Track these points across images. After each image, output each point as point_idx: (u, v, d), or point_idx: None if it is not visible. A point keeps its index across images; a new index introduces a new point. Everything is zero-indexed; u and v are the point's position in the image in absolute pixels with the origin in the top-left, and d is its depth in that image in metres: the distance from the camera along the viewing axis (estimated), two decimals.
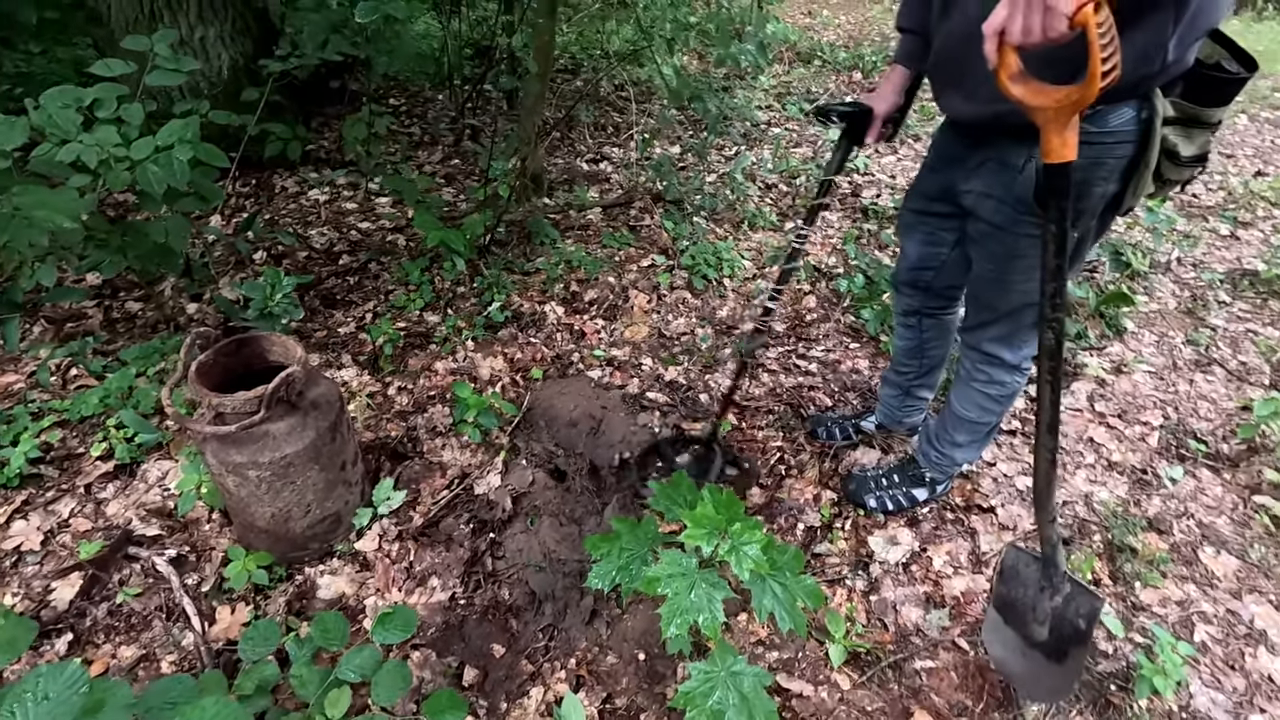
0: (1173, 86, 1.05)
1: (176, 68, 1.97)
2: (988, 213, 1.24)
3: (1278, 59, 5.58)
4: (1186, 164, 1.09)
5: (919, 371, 1.73)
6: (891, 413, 1.85)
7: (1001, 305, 1.33)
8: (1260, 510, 1.76)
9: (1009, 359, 1.41)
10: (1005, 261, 1.26)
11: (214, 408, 1.31)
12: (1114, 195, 1.13)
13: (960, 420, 1.53)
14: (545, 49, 2.51)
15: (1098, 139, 1.05)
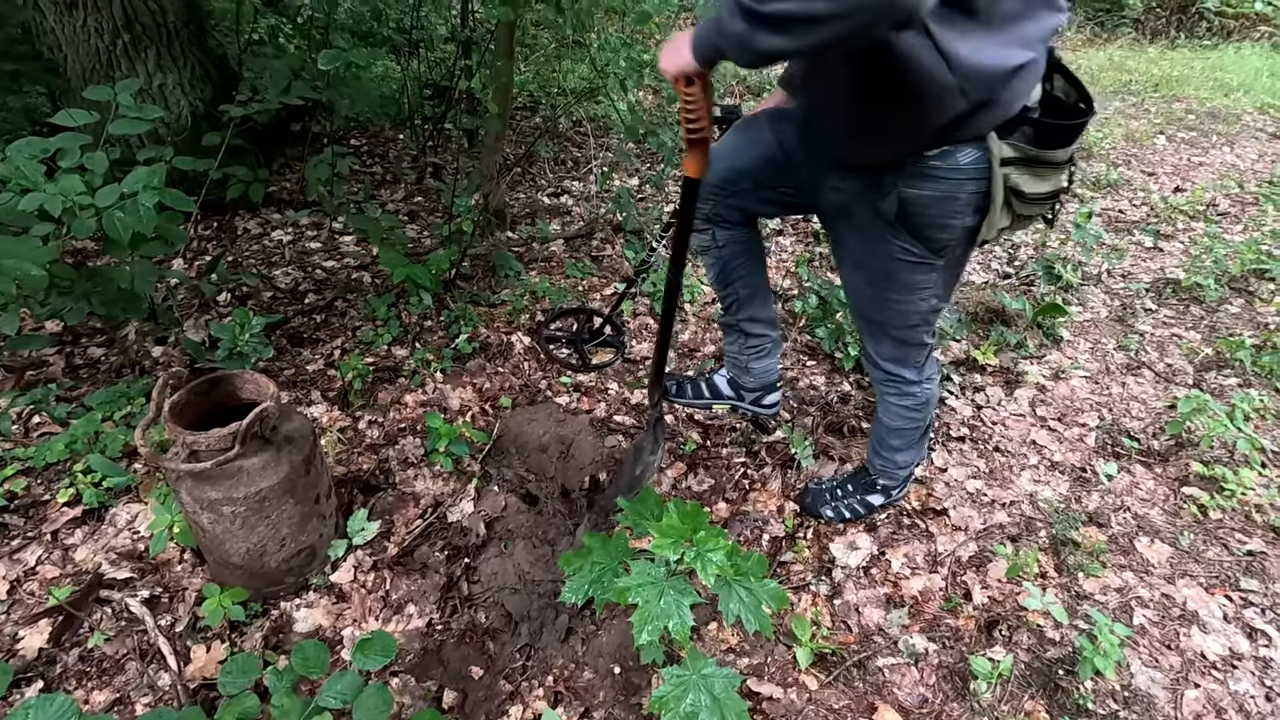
0: (1012, 130, 1.10)
1: (140, 116, 2.01)
2: (860, 221, 1.27)
3: (1188, 84, 5.99)
4: (1035, 201, 1.16)
5: (739, 300, 1.62)
6: (735, 359, 1.73)
7: (884, 321, 1.41)
8: (1189, 500, 1.89)
9: (910, 376, 1.50)
10: (880, 279, 1.32)
11: (188, 446, 1.34)
12: (973, 226, 1.20)
13: (890, 429, 1.62)
14: (504, 90, 2.61)
15: (947, 175, 1.13)
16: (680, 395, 1.82)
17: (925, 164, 1.13)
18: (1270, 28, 7.86)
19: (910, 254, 1.24)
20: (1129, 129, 4.95)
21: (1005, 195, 1.14)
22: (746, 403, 1.81)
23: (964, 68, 1.00)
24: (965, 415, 2.20)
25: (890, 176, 1.18)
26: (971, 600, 1.61)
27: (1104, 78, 6.34)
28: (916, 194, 1.16)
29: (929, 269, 1.26)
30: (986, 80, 1.02)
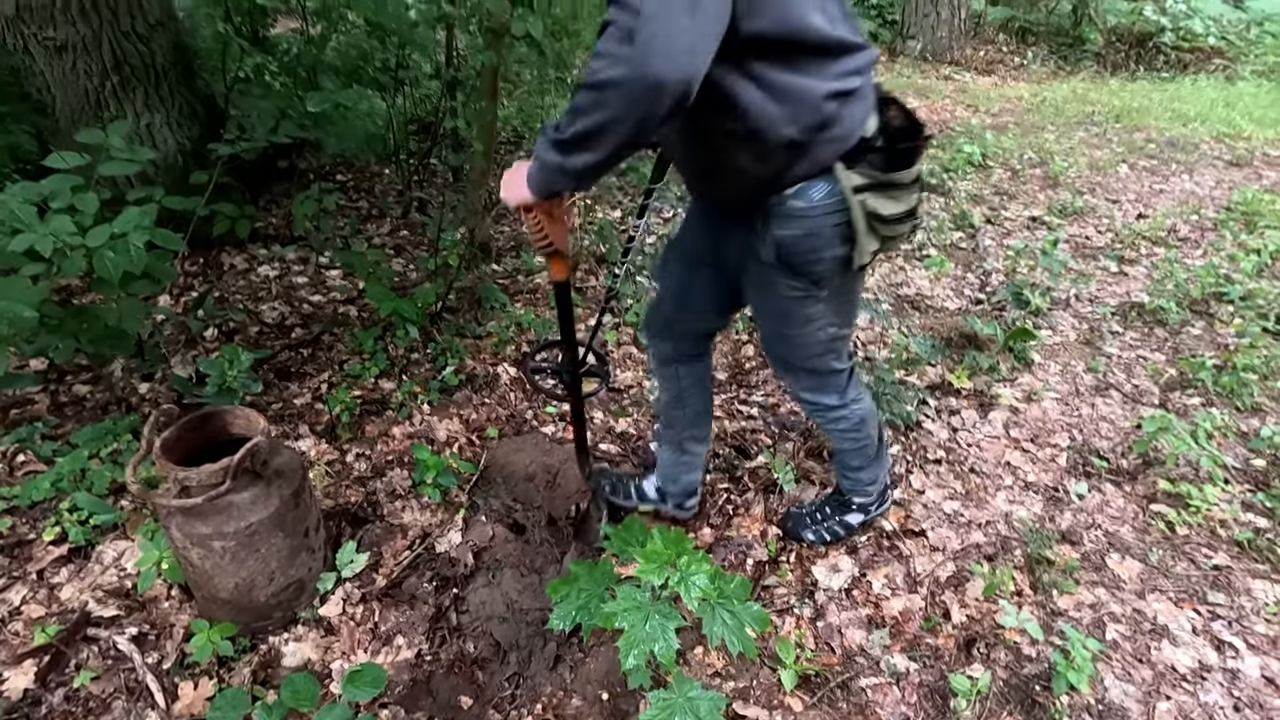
0: (857, 159, 1.20)
1: (131, 158, 2.06)
2: (753, 273, 1.38)
3: (1148, 114, 6.23)
4: (896, 221, 1.26)
5: (685, 422, 1.74)
6: (667, 470, 1.82)
7: (790, 358, 1.49)
8: (1157, 517, 1.95)
9: (832, 402, 1.56)
10: (778, 317, 1.41)
11: (179, 482, 1.36)
12: (848, 255, 1.28)
13: (844, 452, 1.69)
14: (489, 128, 2.69)
15: (807, 212, 1.22)
16: (614, 494, 1.88)
17: (786, 205, 1.23)
18: (1224, 60, 8.22)
19: (795, 289, 1.33)
20: (1093, 158, 5.14)
21: (866, 220, 1.23)
22: (669, 506, 1.88)
23: (784, 94, 1.10)
24: (942, 438, 2.26)
25: (763, 224, 1.27)
26: (950, 619, 1.66)
27: (1068, 109, 6.58)
28: (786, 234, 1.26)
29: (815, 300, 1.35)
30: (807, 102, 1.12)
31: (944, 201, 4.27)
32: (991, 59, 8.77)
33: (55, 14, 2.81)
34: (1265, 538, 1.87)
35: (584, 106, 0.97)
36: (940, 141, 5.41)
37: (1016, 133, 5.74)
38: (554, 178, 1.09)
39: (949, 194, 4.37)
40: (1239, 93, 7.06)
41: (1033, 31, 9.18)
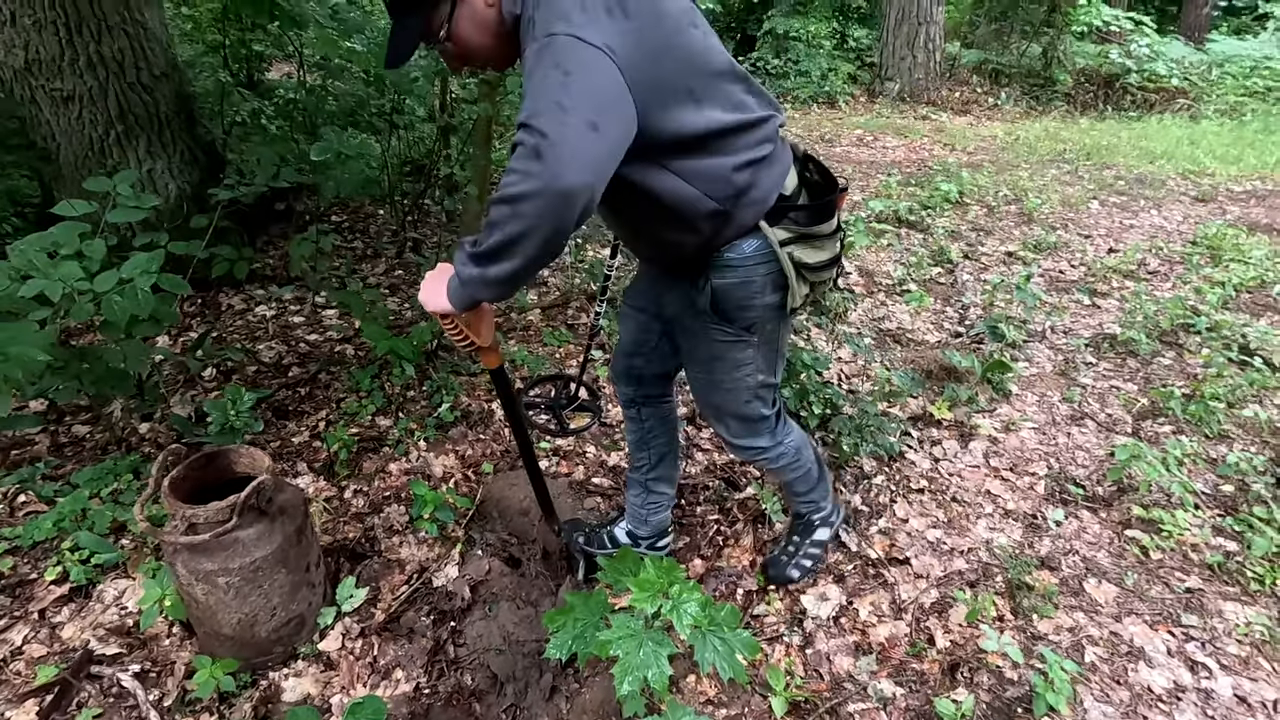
0: (780, 216, 1.31)
1: (138, 205, 2.13)
2: (687, 322, 1.46)
3: (1117, 152, 6.48)
4: (821, 269, 1.38)
5: (650, 464, 1.81)
6: (636, 512, 1.88)
7: (719, 402, 1.55)
8: (1131, 542, 2.02)
9: (765, 444, 1.62)
10: (709, 363, 1.49)
11: (187, 519, 1.40)
12: (778, 303, 1.38)
13: (789, 482, 1.75)
14: (483, 172, 2.79)
15: (740, 263, 1.33)
16: (589, 544, 1.93)
17: (721, 258, 1.33)
18: (1188, 100, 8.57)
19: (727, 334, 1.42)
20: (1065, 195, 5.33)
21: (796, 270, 1.34)
22: (642, 548, 1.93)
23: (696, 175, 1.22)
24: (924, 468, 2.33)
25: (701, 277, 1.37)
26: (934, 645, 1.70)
27: (1041, 147, 6.83)
28: (722, 283, 1.35)
29: (746, 345, 1.44)
30: (719, 178, 1.24)
31: (923, 238, 4.42)
32: (967, 99, 9.10)
33: (64, 66, 2.91)
34: (1235, 561, 1.94)
35: (499, 220, 1.05)
36: (919, 179, 5.60)
37: (992, 170, 5.95)
38: (476, 290, 1.15)
39: (928, 231, 4.52)
40: (1203, 131, 7.35)
41: (1005, 73, 9.55)
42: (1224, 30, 12.21)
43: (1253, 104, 8.22)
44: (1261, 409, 2.56)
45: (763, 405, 1.57)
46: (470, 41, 1.21)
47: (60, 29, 2.86)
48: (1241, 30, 12.34)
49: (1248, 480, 2.21)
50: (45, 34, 2.85)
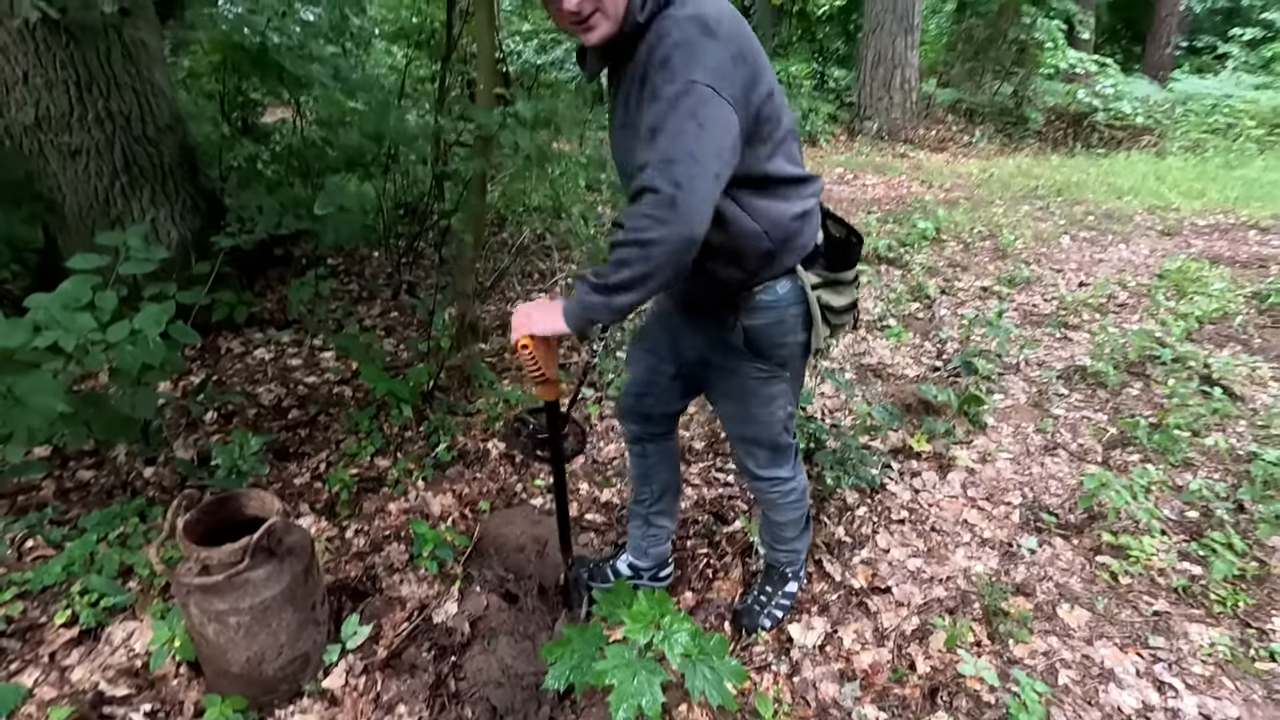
0: (812, 262, 1.44)
1: (148, 257, 2.23)
2: (718, 362, 1.55)
3: (1086, 188, 6.74)
4: (842, 312, 1.51)
5: (652, 498, 1.89)
6: (637, 544, 1.97)
7: (754, 436, 1.64)
8: (1102, 568, 2.12)
9: (786, 474, 1.72)
10: (743, 399, 1.58)
11: (201, 561, 1.47)
12: (806, 341, 1.50)
13: (783, 524, 1.82)
14: (478, 220, 2.91)
15: (774, 304, 1.44)
16: (593, 580, 2.01)
17: (755, 299, 1.44)
18: (1153, 137, 8.92)
19: (762, 372, 1.52)
20: (1037, 230, 5.54)
21: (821, 312, 1.46)
22: (645, 580, 2.02)
23: (762, 214, 1.35)
24: (905, 499, 2.43)
25: (732, 315, 1.47)
26: (916, 670, 1.78)
27: (1014, 184, 7.09)
28: (755, 324, 1.46)
29: (779, 380, 1.55)
30: (780, 222, 1.37)
31: (901, 274, 4.58)
32: (943, 137, 9.43)
33: (73, 122, 3.03)
34: (1199, 584, 2.04)
35: (630, 259, 1.16)
36: (898, 216, 5.80)
37: (967, 207, 6.17)
38: (597, 314, 1.26)
39: (906, 267, 4.68)
40: (1168, 167, 7.66)
41: (979, 112, 9.91)
42: (1186, 69, 12.74)
43: (1214, 140, 8.57)
44: (1223, 437, 2.69)
45: (788, 434, 1.67)
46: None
47: (71, 87, 2.99)
48: (1203, 69, 12.88)
49: (1211, 506, 2.32)
50: (56, 92, 2.97)
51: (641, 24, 1.22)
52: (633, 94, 1.26)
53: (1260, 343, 3.58)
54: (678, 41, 1.16)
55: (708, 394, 1.70)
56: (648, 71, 1.19)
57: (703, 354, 1.58)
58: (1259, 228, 5.53)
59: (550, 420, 1.60)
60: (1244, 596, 2.00)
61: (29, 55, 2.89)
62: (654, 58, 1.18)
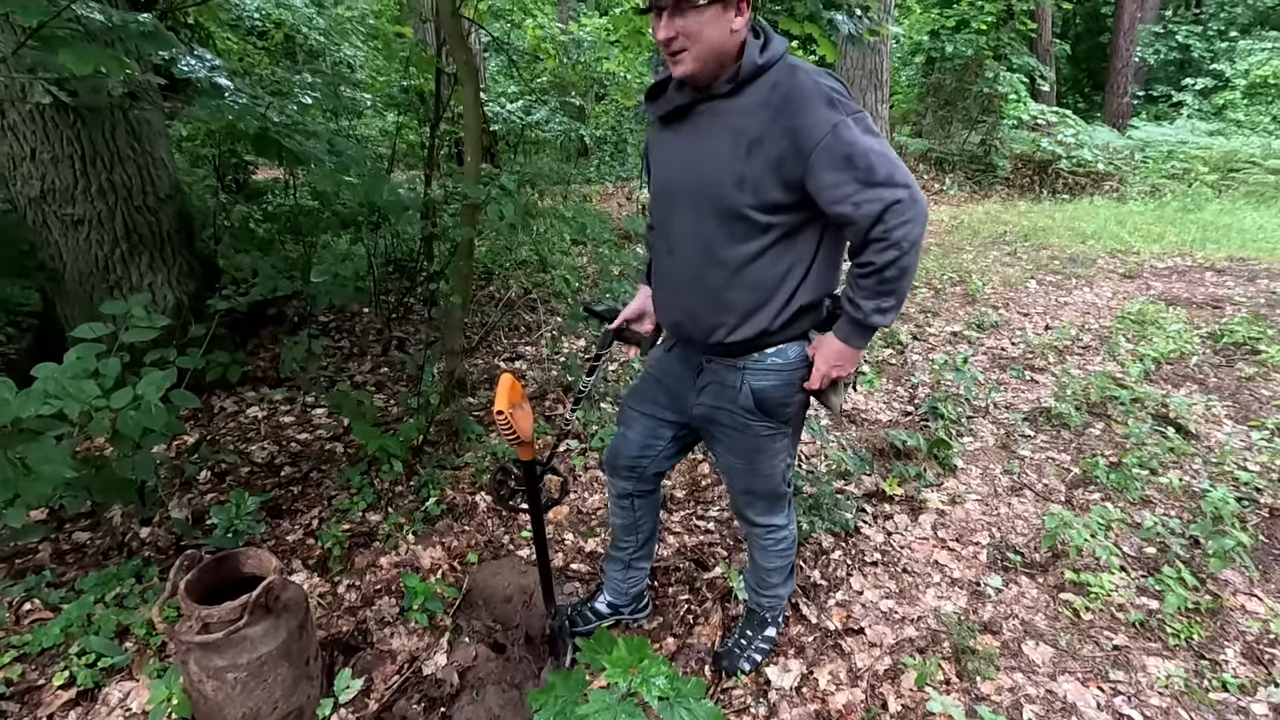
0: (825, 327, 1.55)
1: (150, 324, 2.34)
2: (725, 420, 1.63)
3: (1052, 233, 7.03)
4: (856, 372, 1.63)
5: (636, 546, 2.00)
6: (617, 586, 2.07)
7: (757, 488, 1.75)
8: (1065, 605, 2.22)
9: (781, 522, 1.84)
10: (750, 455, 1.68)
11: (201, 619, 1.55)
12: (806, 398, 1.62)
13: (770, 570, 1.92)
14: (465, 280, 3.06)
15: (783, 368, 1.56)
16: (575, 626, 2.09)
17: (767, 361, 1.56)
18: (1114, 183, 9.32)
19: (769, 429, 1.63)
20: (1005, 275, 5.77)
21: None
22: (625, 616, 2.13)
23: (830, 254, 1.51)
24: (878, 542, 2.53)
25: (739, 380, 1.58)
26: (888, 709, 1.86)
27: (983, 230, 7.38)
28: (763, 385, 1.57)
29: (783, 435, 1.67)
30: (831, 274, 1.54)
31: None
32: None
33: (76, 194, 3.17)
34: (1156, 618, 2.15)
35: (910, 262, 1.35)
36: None
37: (938, 253, 6.42)
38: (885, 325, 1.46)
39: None
40: (1128, 211, 8.00)
41: (949, 160, 10.32)
42: (1144, 117, 13.36)
43: (1172, 185, 8.97)
44: (1179, 475, 2.82)
45: (786, 485, 1.79)
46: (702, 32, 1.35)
47: (76, 161, 3.13)
48: (1160, 117, 13.52)
49: (1166, 542, 2.44)
50: (61, 167, 3.12)
51: (761, 65, 1.39)
52: (749, 124, 1.38)
53: (1215, 381, 3.75)
54: (831, 87, 1.35)
55: (713, 450, 1.79)
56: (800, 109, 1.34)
57: (709, 414, 1.66)
58: (1214, 269, 5.80)
59: (528, 478, 1.71)
60: (1198, 629, 2.10)
61: (38, 133, 3.04)
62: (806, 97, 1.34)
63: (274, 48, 6.97)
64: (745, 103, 1.39)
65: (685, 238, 1.53)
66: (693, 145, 1.47)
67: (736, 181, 1.39)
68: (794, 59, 1.42)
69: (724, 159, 1.41)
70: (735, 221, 1.44)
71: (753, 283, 1.49)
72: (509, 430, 1.54)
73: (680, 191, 1.52)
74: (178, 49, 2.61)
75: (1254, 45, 13.32)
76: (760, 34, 1.44)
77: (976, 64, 10.39)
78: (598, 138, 9.34)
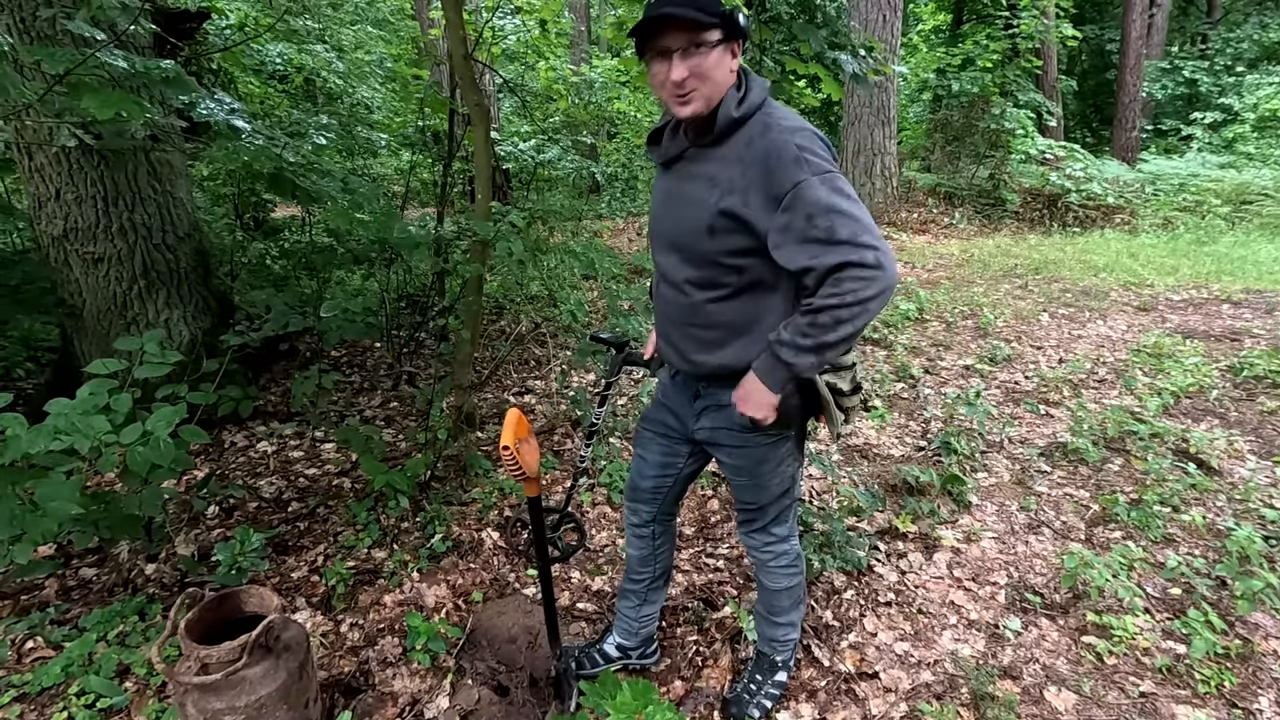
0: None
1: (163, 361, 2.36)
2: (725, 440, 1.63)
3: (1063, 266, 7.00)
4: (850, 394, 1.61)
5: (652, 578, 1.96)
6: (628, 625, 2.01)
7: (763, 499, 1.73)
8: (1088, 649, 2.14)
9: (782, 533, 1.80)
10: (755, 467, 1.67)
11: (200, 660, 1.53)
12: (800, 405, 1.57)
13: (780, 593, 1.86)
14: (474, 317, 3.08)
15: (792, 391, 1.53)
16: (581, 668, 2.04)
17: None
18: (1125, 216, 9.30)
19: (769, 438, 1.61)
20: (1017, 308, 5.73)
21: (833, 397, 1.57)
22: (634, 659, 2.08)
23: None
24: (891, 581, 2.47)
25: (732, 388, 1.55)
26: None
27: (994, 263, 7.36)
28: None
29: (785, 440, 1.65)
30: None
31: (886, 354, 4.72)
32: (924, 220, 9.83)
33: (98, 233, 3.25)
34: (1184, 664, 2.06)
35: (851, 318, 1.33)
36: None
37: (949, 287, 6.40)
38: (806, 372, 1.43)
39: (890, 347, 4.84)
40: (1141, 244, 7.96)
41: (958, 194, 10.37)
42: (1153, 151, 13.40)
43: (1184, 218, 8.94)
44: (1202, 512, 2.75)
45: (793, 494, 1.76)
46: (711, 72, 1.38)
47: (99, 201, 3.22)
48: (1169, 150, 13.55)
49: (1192, 583, 2.36)
50: (84, 206, 3.20)
51: (737, 119, 1.41)
52: (723, 176, 1.40)
53: (1236, 416, 3.68)
54: (803, 145, 1.36)
55: (720, 464, 1.77)
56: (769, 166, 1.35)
57: (710, 435, 1.67)
58: (1231, 302, 5.73)
59: (534, 515, 1.70)
60: (1229, 675, 2.02)
61: (63, 175, 3.13)
62: (778, 156, 1.35)
63: (294, 90, 7.20)
64: (723, 153, 1.43)
65: (667, 276, 1.58)
66: (676, 190, 1.52)
67: (708, 229, 1.43)
68: (773, 109, 1.44)
69: (698, 207, 1.45)
70: (707, 266, 1.48)
71: (726, 323, 1.52)
72: (515, 466, 1.54)
73: (662, 233, 1.58)
74: (198, 93, 2.69)
75: (1261, 80, 13.38)
76: (742, 81, 1.46)
77: (983, 100, 10.50)
78: (609, 174, 9.49)
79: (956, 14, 15.29)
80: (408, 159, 5.78)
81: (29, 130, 3.05)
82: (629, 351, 2.00)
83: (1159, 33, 14.68)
